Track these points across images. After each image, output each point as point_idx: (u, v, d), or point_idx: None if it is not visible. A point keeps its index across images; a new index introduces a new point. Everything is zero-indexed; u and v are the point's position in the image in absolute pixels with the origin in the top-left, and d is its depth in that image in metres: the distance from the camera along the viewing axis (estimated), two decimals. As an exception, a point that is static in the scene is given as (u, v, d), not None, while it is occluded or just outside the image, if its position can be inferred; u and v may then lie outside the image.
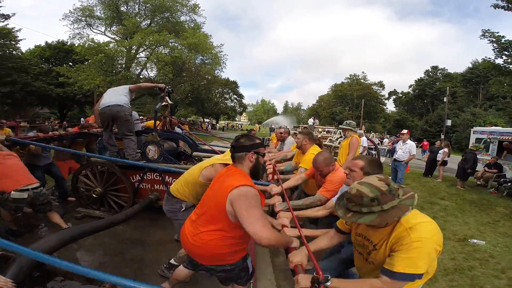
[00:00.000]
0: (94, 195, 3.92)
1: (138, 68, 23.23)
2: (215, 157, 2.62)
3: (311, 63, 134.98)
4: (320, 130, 16.77)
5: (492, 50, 10.36)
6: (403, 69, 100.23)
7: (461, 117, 30.25)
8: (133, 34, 20.40)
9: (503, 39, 9.86)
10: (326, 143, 11.47)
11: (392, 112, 56.38)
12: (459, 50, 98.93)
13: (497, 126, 18.13)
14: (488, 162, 9.34)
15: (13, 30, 21.87)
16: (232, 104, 51.27)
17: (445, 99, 25.87)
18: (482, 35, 10.30)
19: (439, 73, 49.66)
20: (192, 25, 24.51)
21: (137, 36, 19.41)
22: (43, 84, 25.78)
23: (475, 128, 12.58)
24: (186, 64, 22.58)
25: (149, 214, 4.08)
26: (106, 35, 23.36)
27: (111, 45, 20.72)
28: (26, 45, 59.52)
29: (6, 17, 19.74)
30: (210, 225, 1.60)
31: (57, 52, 29.35)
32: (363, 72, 62.90)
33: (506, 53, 10.07)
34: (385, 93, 55.81)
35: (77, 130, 5.18)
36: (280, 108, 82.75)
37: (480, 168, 9.32)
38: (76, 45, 21.98)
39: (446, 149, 9.54)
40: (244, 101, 55.13)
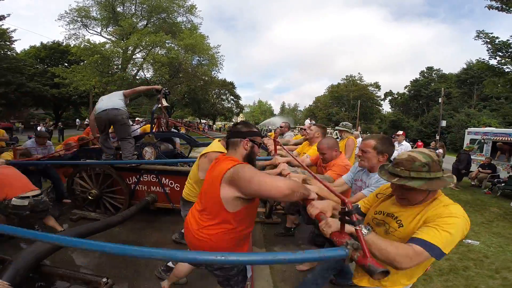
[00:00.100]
0: (90, 197, 3.91)
1: (134, 69, 23.14)
2: (207, 147, 2.58)
3: (308, 64, 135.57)
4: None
5: (486, 51, 10.47)
6: (399, 70, 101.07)
7: (456, 118, 30.48)
8: (130, 35, 20.32)
9: (497, 40, 9.95)
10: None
11: (388, 113, 56.66)
12: (454, 51, 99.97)
13: (490, 126, 18.33)
14: (482, 162, 9.45)
15: (8, 31, 21.66)
16: (229, 105, 51.31)
17: (440, 100, 26.15)
18: (476, 36, 10.39)
19: (434, 74, 50.00)
20: (189, 26, 24.48)
21: (133, 36, 19.33)
22: (38, 85, 25.64)
23: (469, 129, 12.68)
24: (182, 65, 22.55)
25: (145, 216, 4.08)
26: (102, 36, 23.29)
27: (107, 45, 20.64)
28: (21, 45, 58.93)
29: (1, 17, 19.53)
30: (211, 220, 1.56)
31: (53, 53, 29.25)
32: (359, 73, 63.29)
33: (500, 54, 10.15)
34: (381, 94, 56.23)
35: (76, 142, 5.13)
36: (277, 109, 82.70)
37: (474, 168, 9.43)
38: (72, 45, 21.89)
39: (440, 150, 9.64)
40: (241, 102, 55.22)
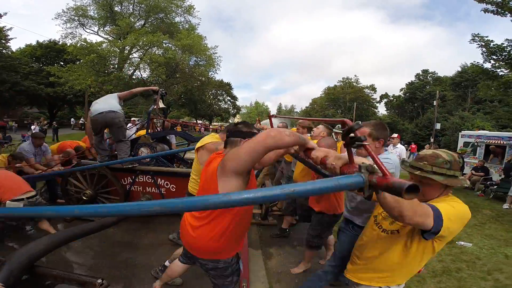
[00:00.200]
0: (85, 198, 3.87)
1: (131, 68, 22.96)
2: (200, 141, 2.57)
3: (305, 66, 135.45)
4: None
5: (481, 55, 10.49)
6: (395, 73, 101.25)
7: (450, 121, 30.73)
8: (127, 35, 20.20)
9: (491, 44, 10.02)
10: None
11: (383, 115, 56.97)
12: (450, 54, 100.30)
13: (484, 129, 18.58)
14: (475, 165, 9.57)
15: (4, 29, 21.42)
16: (226, 106, 51.19)
17: (434, 102, 26.38)
18: (472, 39, 10.44)
19: (430, 76, 50.41)
20: (187, 26, 24.40)
21: (130, 36, 19.23)
22: (32, 84, 25.38)
23: (463, 132, 12.85)
24: (179, 66, 22.47)
25: (140, 216, 4.06)
26: (99, 35, 23.07)
27: (104, 45, 20.48)
28: (17, 44, 58.44)
29: (-3, 16, 19.32)
30: (207, 217, 1.56)
31: (48, 52, 29.00)
32: (355, 75, 63.87)
33: (494, 57, 10.21)
34: (377, 96, 56.61)
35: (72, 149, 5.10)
36: (273, 110, 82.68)
37: (467, 171, 9.54)
38: (68, 44, 21.66)
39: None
40: (238, 103, 55.05)
